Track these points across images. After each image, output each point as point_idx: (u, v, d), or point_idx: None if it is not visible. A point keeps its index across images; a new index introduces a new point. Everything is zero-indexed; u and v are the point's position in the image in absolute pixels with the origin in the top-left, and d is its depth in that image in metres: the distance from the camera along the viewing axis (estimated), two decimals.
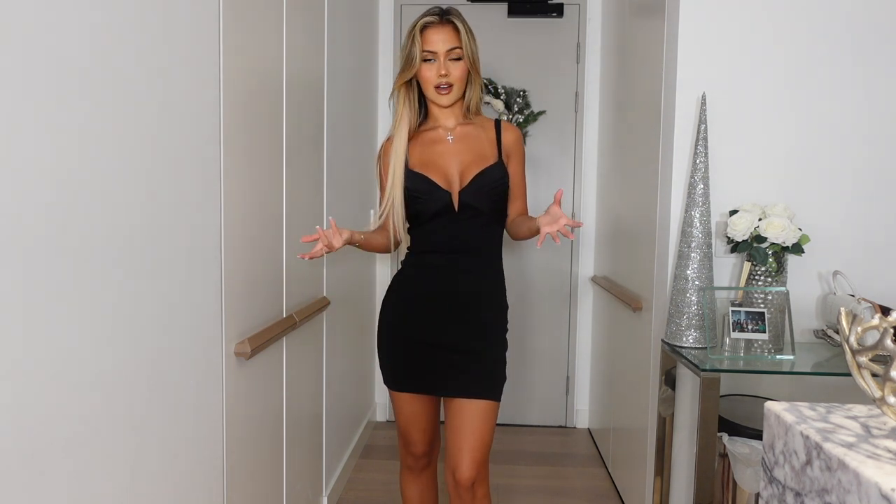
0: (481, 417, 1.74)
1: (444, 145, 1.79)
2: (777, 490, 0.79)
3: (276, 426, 1.91)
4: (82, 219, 0.98)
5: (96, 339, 1.02)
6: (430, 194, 1.74)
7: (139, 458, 1.16)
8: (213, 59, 1.42)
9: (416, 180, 1.75)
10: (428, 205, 1.74)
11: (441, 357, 1.76)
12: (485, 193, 1.74)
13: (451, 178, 1.76)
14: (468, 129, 1.82)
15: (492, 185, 1.75)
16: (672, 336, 1.94)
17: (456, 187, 1.75)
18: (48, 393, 0.92)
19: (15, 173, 0.85)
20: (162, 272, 1.22)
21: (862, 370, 0.72)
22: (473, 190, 1.74)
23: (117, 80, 1.07)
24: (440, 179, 1.75)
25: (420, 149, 1.80)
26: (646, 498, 2.32)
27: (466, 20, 1.76)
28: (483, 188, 1.74)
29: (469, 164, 1.76)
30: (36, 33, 0.88)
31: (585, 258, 3.51)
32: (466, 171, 1.76)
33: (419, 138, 1.82)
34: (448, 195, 1.74)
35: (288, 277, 1.97)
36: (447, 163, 1.77)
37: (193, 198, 1.34)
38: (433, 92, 1.74)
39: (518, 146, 1.85)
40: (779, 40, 2.02)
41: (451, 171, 1.76)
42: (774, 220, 1.86)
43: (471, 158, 1.77)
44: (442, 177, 1.75)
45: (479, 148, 1.79)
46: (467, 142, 1.80)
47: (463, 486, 1.74)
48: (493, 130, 1.83)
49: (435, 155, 1.78)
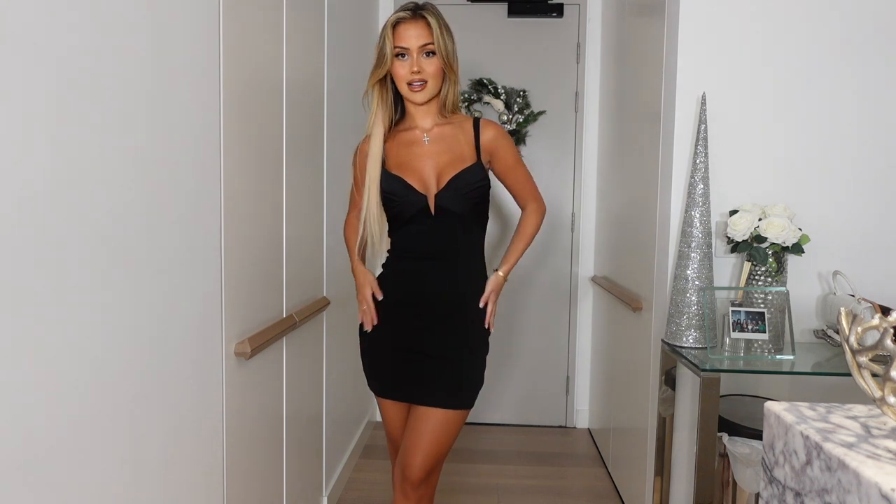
0: (443, 426, 1.71)
1: (420, 147, 1.74)
2: (777, 490, 0.79)
3: (275, 426, 1.91)
4: (82, 219, 0.98)
5: (96, 339, 1.02)
6: (405, 197, 1.70)
7: (139, 458, 1.16)
8: (213, 59, 1.42)
9: (392, 182, 1.71)
10: (404, 208, 1.71)
11: (415, 363, 1.73)
12: (462, 196, 1.70)
13: (427, 180, 1.72)
14: (445, 129, 1.77)
15: (469, 188, 1.70)
16: (672, 336, 1.94)
17: (433, 190, 1.71)
18: (48, 393, 0.92)
19: (15, 174, 0.85)
20: (162, 272, 1.22)
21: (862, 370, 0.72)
22: (450, 193, 1.70)
23: (117, 80, 1.07)
24: (416, 182, 1.71)
25: (396, 149, 1.76)
26: (646, 498, 2.32)
27: (443, 16, 1.71)
28: (460, 191, 1.70)
29: (446, 166, 1.72)
30: (35, 33, 0.88)
31: (585, 258, 3.51)
32: (443, 174, 1.71)
33: (396, 139, 1.77)
34: (424, 199, 1.70)
35: (288, 277, 1.97)
36: (423, 165, 1.73)
37: (193, 198, 1.34)
38: (406, 89, 1.69)
39: (500, 141, 1.78)
40: (778, 40, 2.02)
41: (427, 173, 1.72)
42: (774, 220, 1.86)
43: (447, 160, 1.73)
44: (418, 179, 1.71)
45: (457, 149, 1.74)
46: (444, 142, 1.75)
47: (409, 483, 1.72)
48: (472, 130, 1.77)
49: (411, 156, 1.74)
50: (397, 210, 1.72)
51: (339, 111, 2.62)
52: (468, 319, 1.76)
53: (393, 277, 1.79)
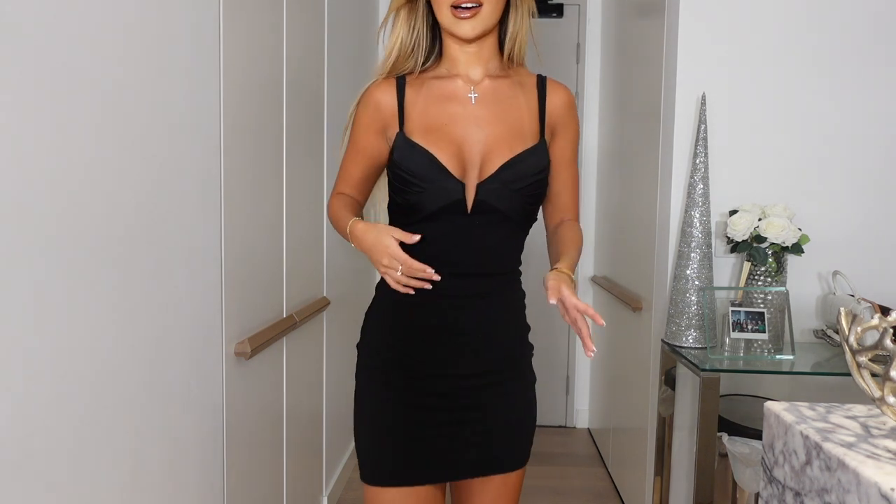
0: (510, 496, 1.28)
1: (462, 106, 1.19)
2: (776, 490, 0.79)
3: (276, 426, 1.91)
4: (82, 219, 0.98)
5: (96, 339, 1.02)
6: (432, 182, 1.15)
7: (139, 457, 1.16)
8: (213, 59, 1.42)
9: (412, 154, 1.16)
10: (427, 198, 1.15)
11: (452, 424, 1.22)
12: (515, 192, 1.17)
13: (467, 159, 1.17)
14: (502, 86, 1.23)
15: (527, 180, 1.18)
16: (672, 336, 1.94)
17: (474, 176, 1.17)
18: (48, 393, 0.92)
19: (15, 174, 0.85)
20: (162, 272, 1.22)
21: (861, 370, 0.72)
22: (498, 185, 1.16)
23: (117, 81, 1.07)
24: (451, 160, 1.16)
25: (424, 105, 1.20)
26: (646, 498, 2.32)
27: None
28: (513, 184, 1.17)
29: (497, 142, 1.18)
30: (35, 34, 0.88)
31: (585, 258, 3.51)
32: (493, 153, 1.17)
33: (425, 87, 1.21)
34: (461, 188, 1.16)
35: (288, 277, 1.97)
36: (465, 134, 1.18)
37: (193, 198, 1.34)
38: (449, 15, 1.14)
39: (570, 116, 1.26)
40: (778, 40, 2.02)
41: (469, 148, 1.18)
42: (774, 220, 1.86)
43: (501, 133, 1.19)
44: (454, 156, 1.16)
45: (516, 117, 1.21)
46: (499, 106, 1.20)
47: None
48: (535, 91, 1.25)
49: (447, 118, 1.18)
50: (415, 200, 1.16)
51: (340, 111, 2.62)
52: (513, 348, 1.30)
53: (395, 315, 1.24)
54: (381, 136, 1.23)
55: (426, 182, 1.15)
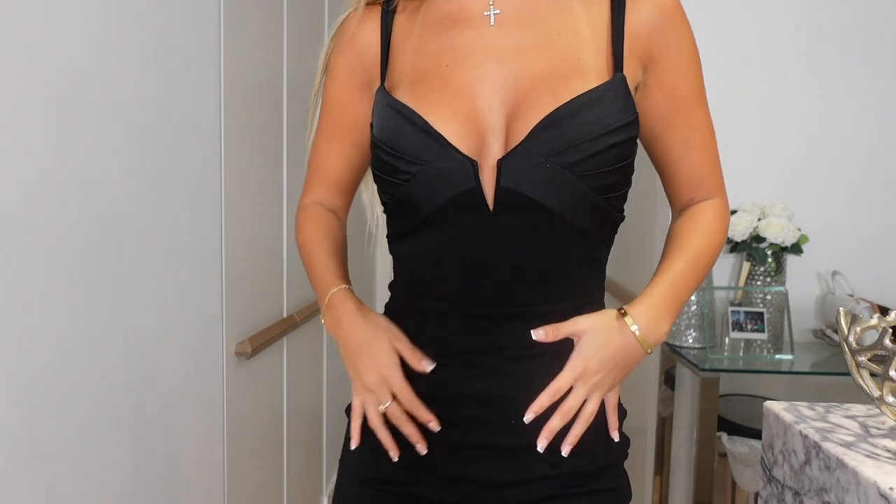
0: None
1: (476, 31, 0.77)
2: (776, 489, 0.79)
3: (276, 426, 1.91)
4: (82, 218, 0.98)
5: (96, 339, 1.03)
6: (425, 162, 0.73)
7: (139, 457, 1.16)
8: (213, 59, 1.42)
9: (393, 119, 0.75)
10: (418, 189, 0.74)
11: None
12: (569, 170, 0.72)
13: (484, 120, 0.74)
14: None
15: (592, 148, 0.72)
16: (671, 336, 1.94)
17: (496, 148, 0.73)
18: (48, 393, 0.92)
19: (15, 174, 0.85)
20: (162, 272, 1.22)
21: (861, 370, 0.72)
22: (537, 158, 0.71)
23: (117, 80, 1.07)
24: (455, 123, 0.74)
25: (420, 36, 0.80)
26: (645, 497, 2.32)
27: None
28: (566, 154, 0.71)
29: (535, 86, 0.74)
30: (35, 33, 0.89)
31: None
32: (525, 106, 0.73)
33: (424, 7, 0.81)
34: (472, 169, 0.72)
35: (288, 277, 1.97)
36: (481, 77, 0.75)
37: (193, 198, 1.34)
38: None
39: (675, 29, 0.84)
40: (778, 40, 2.02)
41: (486, 101, 0.74)
42: (773, 220, 1.86)
43: (542, 69, 0.75)
44: (461, 116, 0.74)
45: (568, 42, 0.76)
46: (536, 25, 0.77)
47: None
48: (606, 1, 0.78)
49: (451, 54, 0.77)
50: (401, 194, 0.75)
51: None
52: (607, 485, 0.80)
53: None
54: (366, 94, 0.84)
55: (416, 163, 0.72)
